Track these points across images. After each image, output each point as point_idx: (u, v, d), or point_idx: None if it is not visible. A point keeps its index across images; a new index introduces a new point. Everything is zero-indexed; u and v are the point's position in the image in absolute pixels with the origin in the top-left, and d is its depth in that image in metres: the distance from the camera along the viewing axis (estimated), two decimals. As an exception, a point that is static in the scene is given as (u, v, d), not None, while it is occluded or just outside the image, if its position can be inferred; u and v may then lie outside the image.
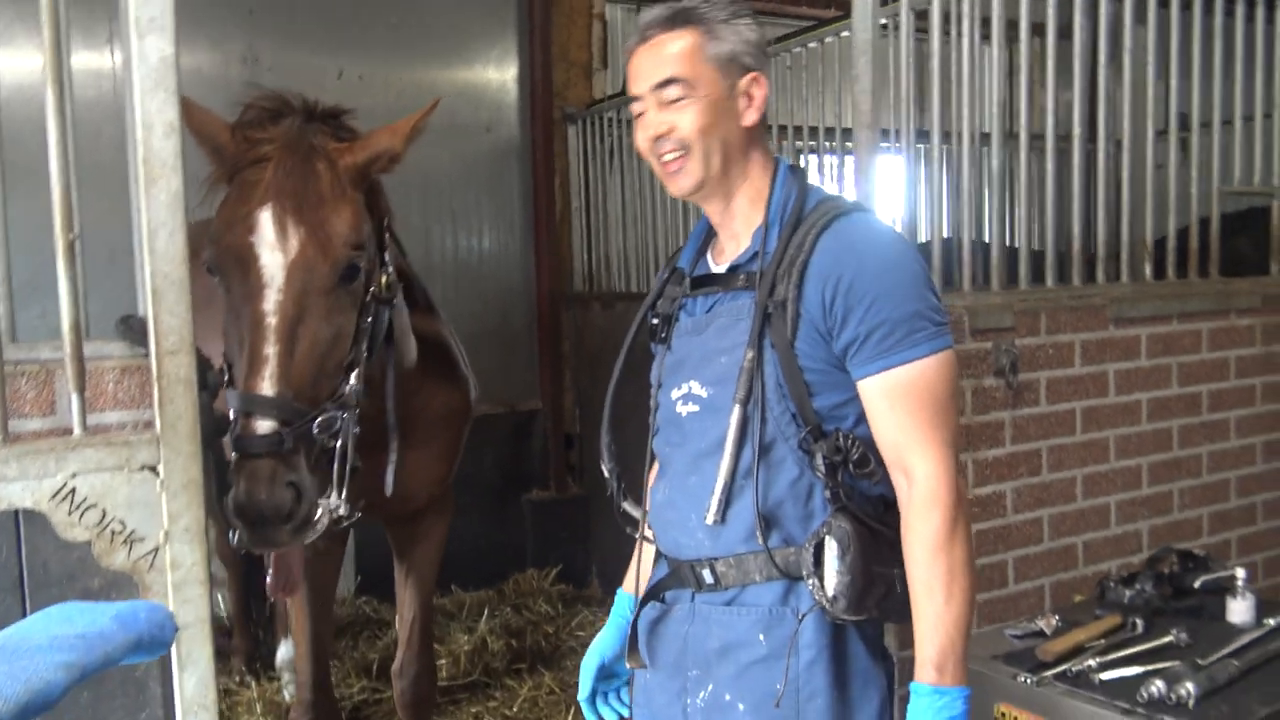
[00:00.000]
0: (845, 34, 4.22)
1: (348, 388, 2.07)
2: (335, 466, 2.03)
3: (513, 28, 6.05)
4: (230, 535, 2.00)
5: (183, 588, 1.80)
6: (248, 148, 2.09)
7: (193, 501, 1.82)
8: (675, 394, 1.83)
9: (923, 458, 1.63)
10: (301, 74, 5.45)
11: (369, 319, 2.17)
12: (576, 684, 2.02)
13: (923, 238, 4.09)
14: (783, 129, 4.90)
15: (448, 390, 3.06)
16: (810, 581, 1.66)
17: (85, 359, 1.77)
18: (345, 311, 2.10)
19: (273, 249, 2.01)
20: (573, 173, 6.09)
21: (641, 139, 1.79)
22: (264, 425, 1.93)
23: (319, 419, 1.98)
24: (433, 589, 3.33)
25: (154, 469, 1.78)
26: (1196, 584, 2.65)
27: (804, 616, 1.70)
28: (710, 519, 1.72)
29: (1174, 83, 3.30)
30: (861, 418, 1.72)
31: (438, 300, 3.20)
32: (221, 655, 4.65)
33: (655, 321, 1.92)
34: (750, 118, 1.77)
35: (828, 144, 5.08)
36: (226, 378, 2.09)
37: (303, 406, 1.97)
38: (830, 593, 1.64)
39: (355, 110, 2.42)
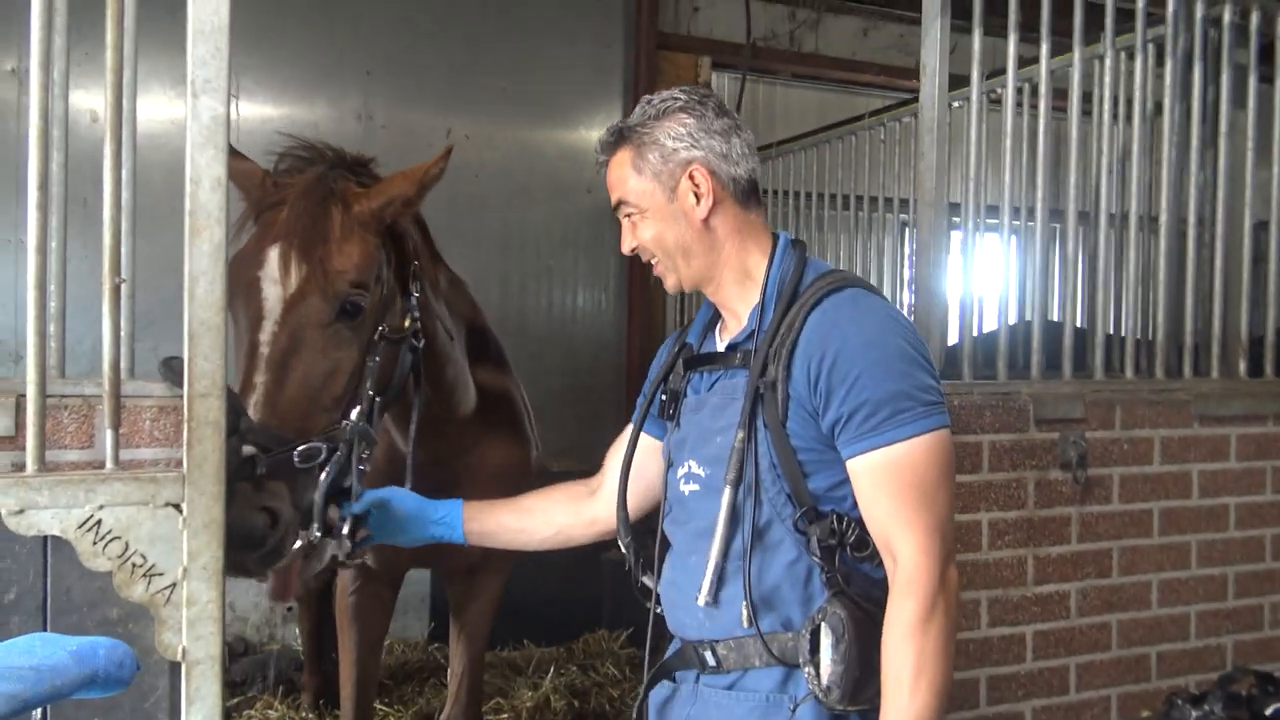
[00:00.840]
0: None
1: (345, 424, 2.09)
2: (317, 499, 2.04)
3: (618, 93, 6.18)
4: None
5: (196, 624, 1.84)
6: (272, 193, 2.18)
7: (213, 540, 1.87)
8: (680, 472, 1.82)
9: (905, 541, 1.58)
10: (412, 132, 5.69)
11: (376, 357, 2.21)
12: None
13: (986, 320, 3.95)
14: (874, 200, 4.84)
15: (508, 446, 3.07)
16: (806, 669, 1.61)
17: (126, 397, 1.86)
18: (344, 347, 2.13)
19: (274, 283, 2.07)
20: (670, 235, 6.12)
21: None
22: (243, 450, 1.97)
23: (299, 448, 2.01)
24: (484, 645, 3.33)
25: (178, 506, 1.84)
26: (1269, 710, 2.44)
27: (798, 706, 1.63)
28: (702, 599, 1.69)
29: (1276, 170, 3.12)
30: None
31: (528, 355, 3.24)
32: (293, 690, 4.75)
33: (664, 398, 1.91)
34: (703, 209, 1.76)
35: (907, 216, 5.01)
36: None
37: (286, 435, 2.01)
38: (824, 682, 1.58)
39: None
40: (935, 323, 2.64)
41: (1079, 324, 2.91)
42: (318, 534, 1.99)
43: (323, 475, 2.00)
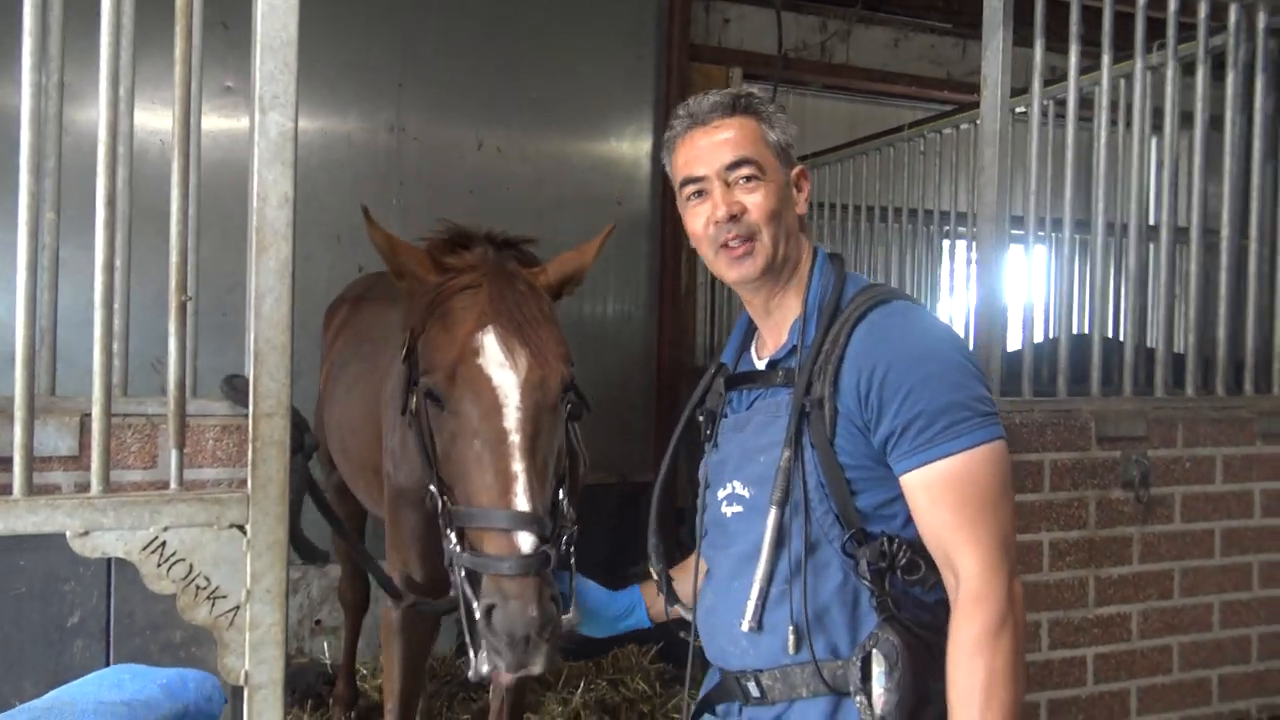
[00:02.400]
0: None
1: (564, 502, 2.08)
2: (571, 581, 2.03)
3: (649, 105, 6.15)
4: (476, 663, 1.97)
5: (260, 648, 1.81)
6: (450, 276, 2.15)
7: (276, 562, 1.84)
8: (721, 494, 1.77)
9: (968, 556, 1.53)
10: (444, 144, 5.68)
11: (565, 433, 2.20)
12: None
13: (1044, 334, 3.90)
14: (913, 213, 4.80)
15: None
16: (858, 699, 1.56)
17: (189, 416, 1.83)
18: (560, 426, 2.13)
19: (502, 367, 2.05)
20: (700, 248, 6.09)
21: (701, 221, 1.75)
22: (528, 542, 1.92)
23: (564, 536, 1.98)
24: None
25: (242, 528, 1.81)
26: (1347, 738, 2.38)
27: None
28: (746, 625, 1.64)
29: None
30: (911, 516, 1.62)
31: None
32: (321, 704, 4.72)
33: (701, 419, 1.86)
34: (802, 207, 1.77)
35: (961, 229, 4.95)
36: (446, 499, 2.09)
37: (549, 523, 1.97)
38: (878, 712, 1.53)
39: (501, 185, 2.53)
40: (995, 336, 2.59)
41: (1135, 339, 2.85)
42: (572, 612, 1.96)
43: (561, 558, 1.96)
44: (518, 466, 1.97)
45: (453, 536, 2.03)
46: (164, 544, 1.76)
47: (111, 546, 1.73)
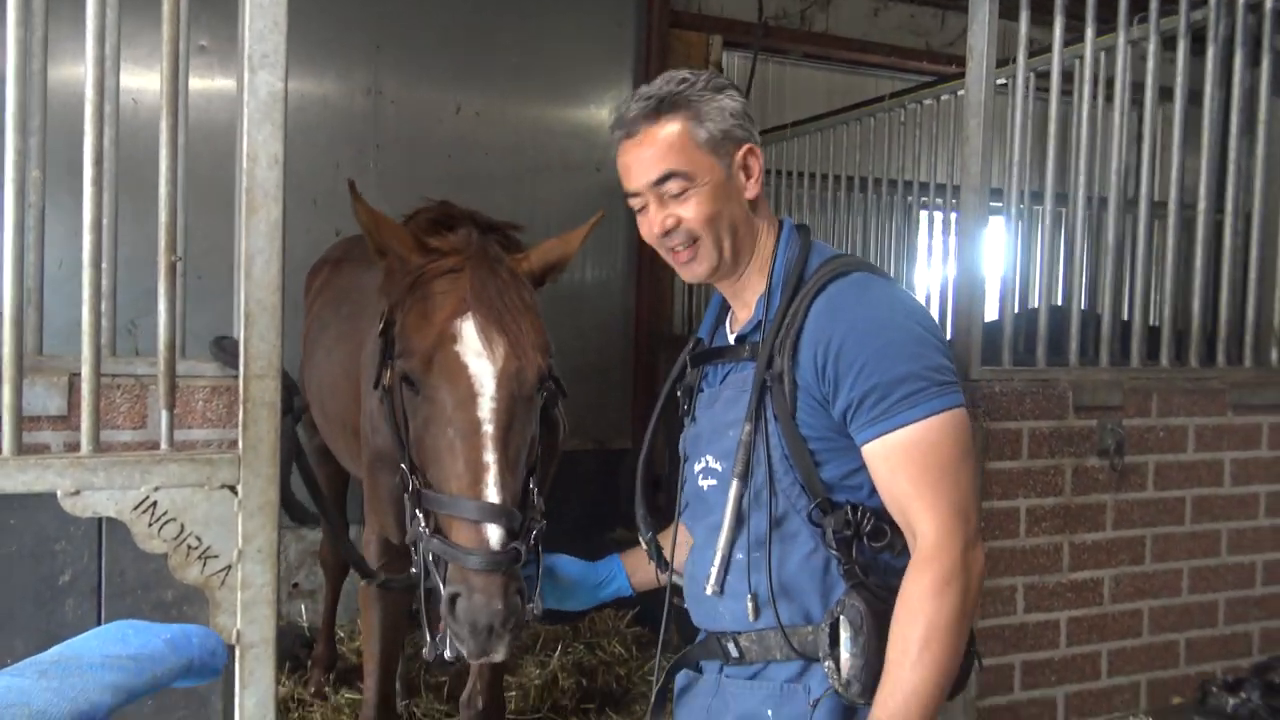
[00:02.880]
0: (961, 93, 4.14)
1: (535, 494, 2.08)
2: (539, 573, 2.03)
3: (629, 71, 6.12)
4: (436, 646, 1.98)
5: (251, 607, 1.82)
6: (433, 258, 2.13)
7: (268, 523, 1.85)
8: (697, 468, 1.80)
9: (925, 521, 1.55)
10: (422, 108, 5.63)
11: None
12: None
13: (1028, 305, 3.94)
14: (892, 183, 4.82)
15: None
16: (826, 664, 1.59)
17: (178, 377, 1.82)
18: (535, 417, 2.13)
19: (479, 357, 2.03)
20: (679, 216, 6.09)
21: (646, 233, 1.77)
22: (497, 536, 1.92)
23: (533, 531, 1.98)
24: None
25: (233, 488, 1.81)
26: (1309, 698, 2.46)
27: (818, 702, 1.62)
28: (709, 589, 1.68)
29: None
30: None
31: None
32: (301, 665, 4.73)
33: (680, 394, 1.87)
34: (752, 190, 1.72)
35: (939, 201, 4.98)
36: (416, 479, 2.08)
37: (518, 515, 1.97)
38: (844, 676, 1.57)
39: (477, 144, 2.51)
40: (975, 307, 2.63)
41: (1113, 311, 2.89)
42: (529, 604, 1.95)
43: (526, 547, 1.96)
44: (489, 458, 1.97)
45: (420, 517, 2.03)
46: (155, 504, 1.76)
47: (103, 506, 1.73)
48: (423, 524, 2.03)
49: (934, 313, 5.29)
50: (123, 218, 2.03)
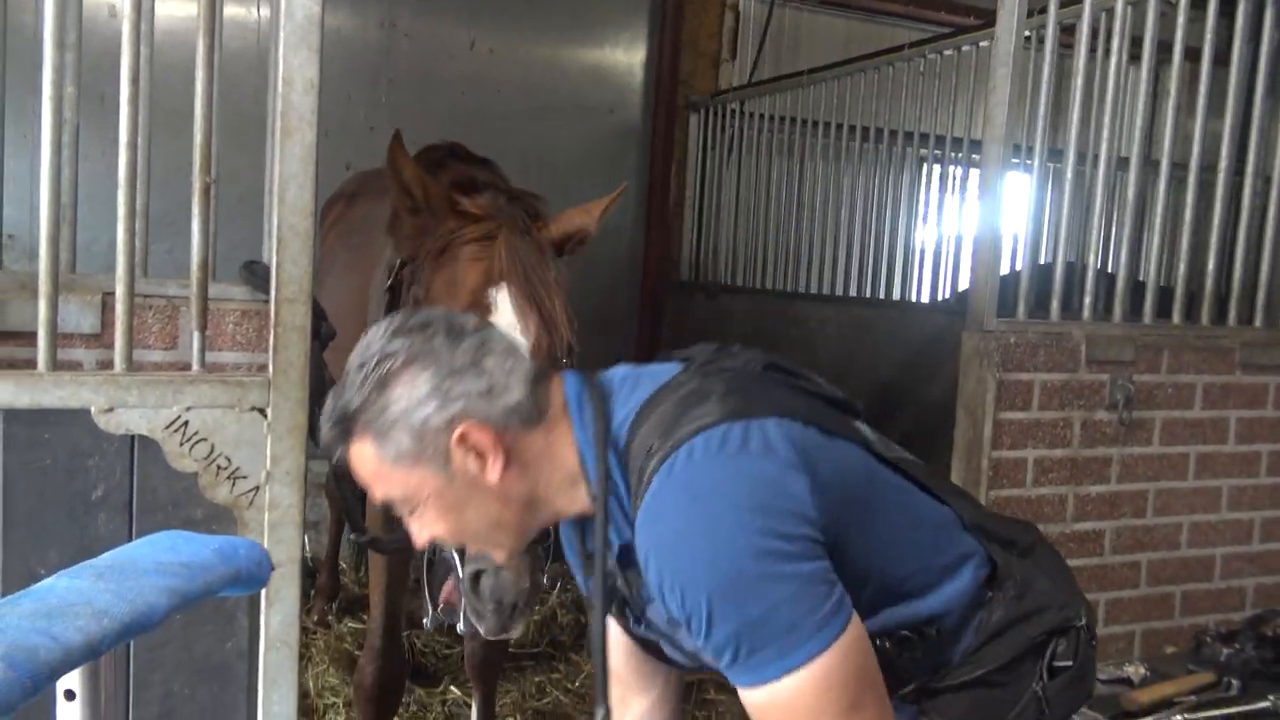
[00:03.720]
0: (984, 44, 4.11)
1: None
2: (551, 551, 1.94)
3: (645, 12, 6.05)
4: (439, 616, 1.99)
5: (278, 528, 1.86)
6: (466, 222, 2.09)
7: (296, 446, 1.88)
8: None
9: None
10: (435, 42, 5.57)
11: None
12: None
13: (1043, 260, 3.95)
14: (908, 135, 4.80)
15: None
16: None
17: (210, 299, 1.84)
18: None
19: (513, 330, 2.01)
20: (690, 161, 6.07)
21: None
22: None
23: None
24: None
25: (263, 411, 1.84)
26: (1302, 650, 2.52)
27: None
28: None
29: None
30: None
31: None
32: (304, 594, 4.80)
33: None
34: (494, 471, 1.33)
35: (954, 154, 4.96)
36: None
37: None
38: None
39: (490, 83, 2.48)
40: (993, 258, 2.64)
41: (1129, 269, 2.91)
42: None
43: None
44: None
45: None
46: (186, 423, 1.79)
47: (135, 424, 1.75)
48: None
49: (947, 268, 5.29)
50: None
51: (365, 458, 1.35)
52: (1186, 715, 2.26)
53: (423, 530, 1.40)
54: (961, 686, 1.43)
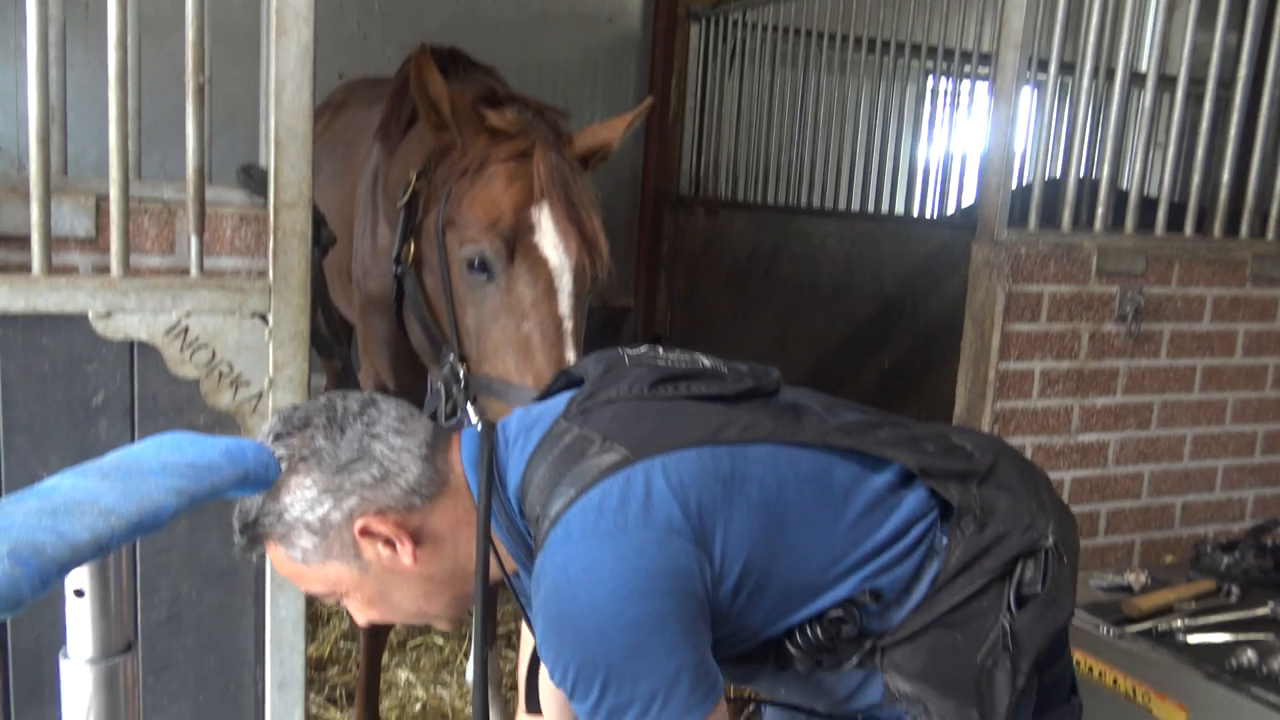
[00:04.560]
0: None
1: None
2: None
3: (645, -85, 5.87)
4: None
5: (282, 436, 1.84)
6: (499, 139, 2.03)
7: (298, 352, 1.85)
8: None
9: None
10: (428, -55, 5.39)
11: None
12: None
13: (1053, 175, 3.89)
14: (915, 48, 4.68)
15: None
16: None
17: (207, 203, 1.79)
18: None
19: (557, 249, 1.99)
20: (690, 73, 5.93)
21: None
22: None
23: None
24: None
25: (264, 317, 1.81)
26: (1303, 560, 2.54)
27: None
28: None
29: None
30: None
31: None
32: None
33: None
34: (406, 557, 1.30)
35: (962, 68, 4.86)
36: (460, 363, 2.02)
37: None
38: None
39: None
40: (1005, 169, 2.59)
41: (1140, 181, 2.85)
42: None
43: None
44: (569, 355, 1.94)
45: (468, 405, 2.00)
46: (186, 329, 1.76)
47: (134, 329, 1.72)
48: (472, 415, 1.98)
49: (949, 184, 5.22)
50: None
51: (279, 560, 1.33)
52: (1187, 621, 2.28)
53: (359, 615, 1.38)
54: (915, 634, 1.33)
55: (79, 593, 1.01)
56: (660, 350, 1.48)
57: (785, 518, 1.31)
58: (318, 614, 3.61)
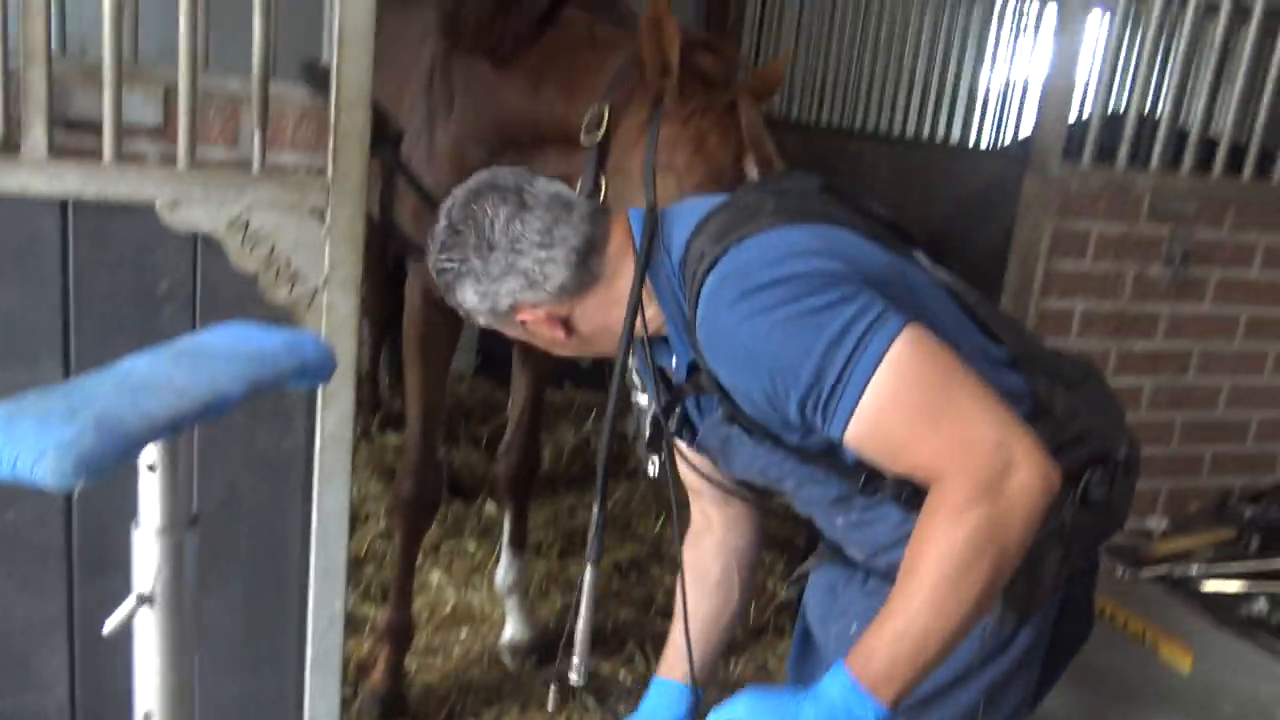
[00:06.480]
0: None
1: None
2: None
3: None
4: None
5: (335, 331, 1.91)
6: (708, 87, 2.04)
7: (352, 252, 1.90)
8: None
9: (939, 476, 1.24)
10: None
11: None
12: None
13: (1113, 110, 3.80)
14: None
15: None
16: None
17: (269, 99, 1.83)
18: None
19: None
20: (752, -19, 5.80)
21: None
22: None
23: None
24: (547, 378, 3.42)
25: (322, 215, 1.86)
26: (1328, 517, 2.56)
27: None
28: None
29: None
30: None
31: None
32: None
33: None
34: (559, 334, 1.53)
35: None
36: None
37: None
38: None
39: None
40: (1065, 101, 2.55)
41: (1204, 122, 2.80)
42: None
43: None
44: None
45: None
46: (248, 223, 1.81)
47: (199, 221, 1.78)
48: None
49: (1010, 115, 5.11)
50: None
51: (467, 307, 1.56)
52: (1203, 567, 2.32)
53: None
54: None
55: (151, 467, 1.09)
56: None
57: (919, 301, 1.41)
58: (355, 514, 3.73)
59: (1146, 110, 2.93)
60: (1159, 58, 3.79)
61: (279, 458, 1.99)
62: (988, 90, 5.20)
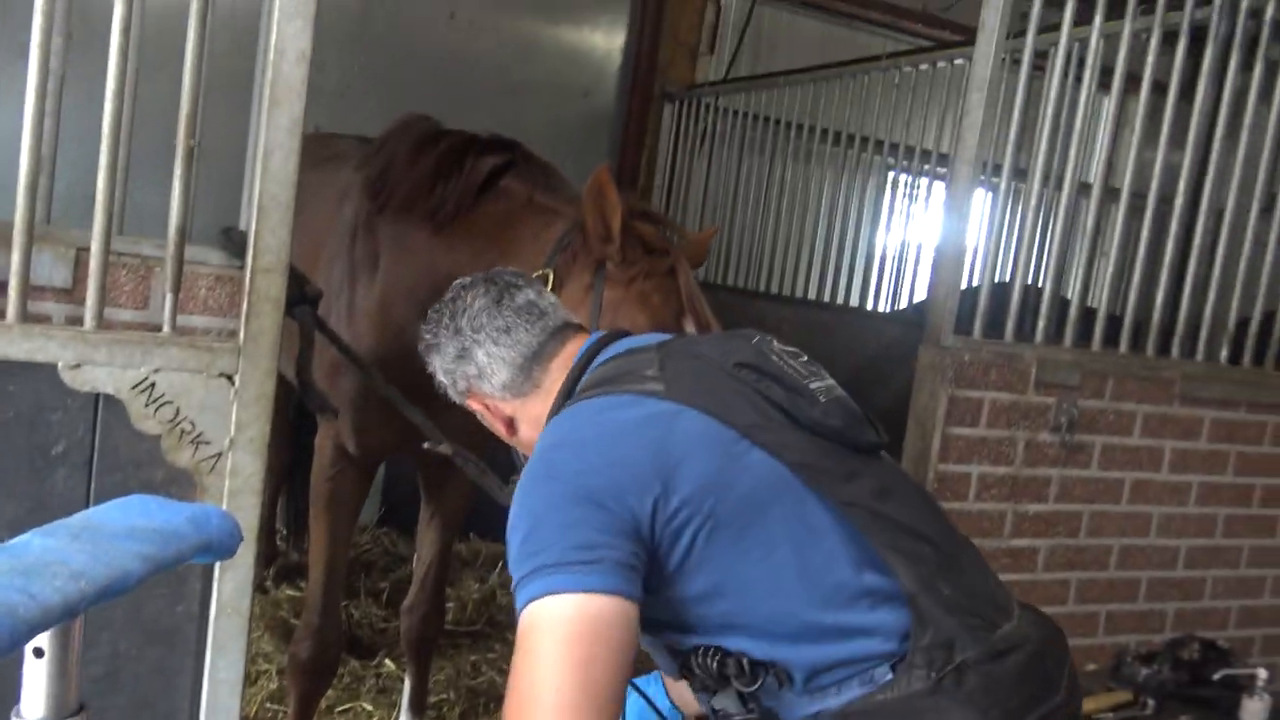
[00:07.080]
0: (958, 61, 4.19)
1: None
2: None
3: (626, -1, 6.06)
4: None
5: (238, 495, 1.87)
6: (649, 253, 2.14)
7: (262, 414, 1.88)
8: None
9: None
10: (415, 12, 5.51)
11: None
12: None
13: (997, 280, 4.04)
14: (879, 144, 4.87)
15: None
16: None
17: (185, 262, 1.83)
18: None
19: None
20: (661, 151, 6.09)
21: None
22: None
23: None
24: (456, 534, 3.36)
25: (231, 378, 1.84)
26: (1216, 676, 2.64)
27: None
28: None
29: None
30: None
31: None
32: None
33: None
34: (500, 428, 1.71)
35: (921, 166, 5.05)
36: None
37: None
38: None
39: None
40: (955, 276, 2.71)
41: (1080, 295, 3.00)
42: None
43: None
44: None
45: None
46: (153, 385, 1.79)
47: (102, 382, 1.75)
48: None
49: (904, 278, 5.39)
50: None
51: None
52: (1103, 730, 2.36)
53: None
54: None
55: (39, 652, 1.03)
56: (794, 353, 1.58)
57: (755, 530, 1.33)
58: (246, 674, 3.55)
59: (1032, 280, 3.12)
60: (1038, 232, 4.09)
61: (170, 625, 1.90)
62: (884, 254, 5.48)
